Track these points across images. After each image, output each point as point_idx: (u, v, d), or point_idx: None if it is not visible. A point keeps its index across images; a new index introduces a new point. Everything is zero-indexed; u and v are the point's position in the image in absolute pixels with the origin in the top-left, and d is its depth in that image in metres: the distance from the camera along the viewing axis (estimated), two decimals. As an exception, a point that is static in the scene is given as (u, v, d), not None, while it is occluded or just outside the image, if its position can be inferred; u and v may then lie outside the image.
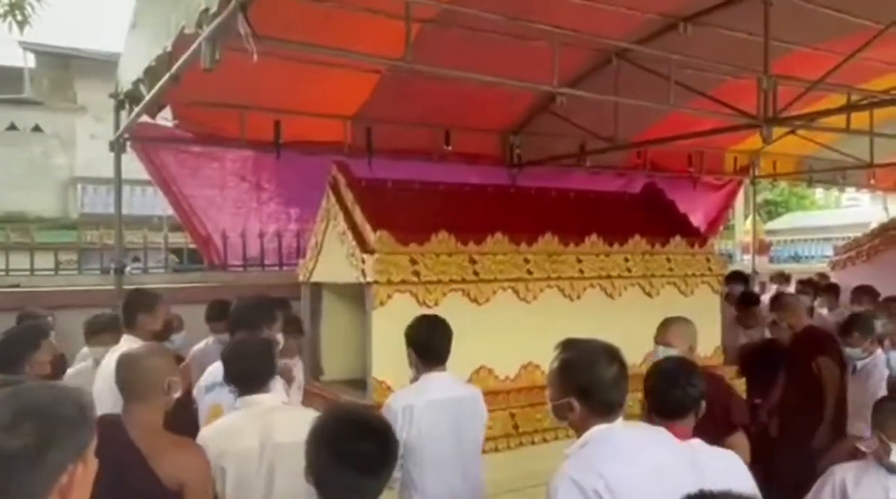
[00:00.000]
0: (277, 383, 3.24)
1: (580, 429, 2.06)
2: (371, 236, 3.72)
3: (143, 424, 2.27)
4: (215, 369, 3.14)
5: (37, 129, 16.21)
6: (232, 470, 2.51)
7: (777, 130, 6.19)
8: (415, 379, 3.11)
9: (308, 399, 3.82)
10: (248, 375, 2.74)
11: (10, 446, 1.27)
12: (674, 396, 2.45)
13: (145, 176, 5.94)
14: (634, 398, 4.27)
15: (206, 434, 2.65)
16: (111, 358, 3.57)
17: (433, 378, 3.05)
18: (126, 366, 2.39)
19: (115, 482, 2.16)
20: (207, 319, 4.53)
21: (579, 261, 4.24)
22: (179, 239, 7.47)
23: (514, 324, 3.96)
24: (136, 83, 4.43)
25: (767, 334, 5.53)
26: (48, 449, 1.30)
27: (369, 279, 3.61)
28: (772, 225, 21.77)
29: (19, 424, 1.30)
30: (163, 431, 2.35)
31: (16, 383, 1.81)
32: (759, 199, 20.54)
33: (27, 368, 3.06)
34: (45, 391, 1.47)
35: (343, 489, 1.68)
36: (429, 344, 3.08)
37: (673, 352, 3.11)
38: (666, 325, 3.33)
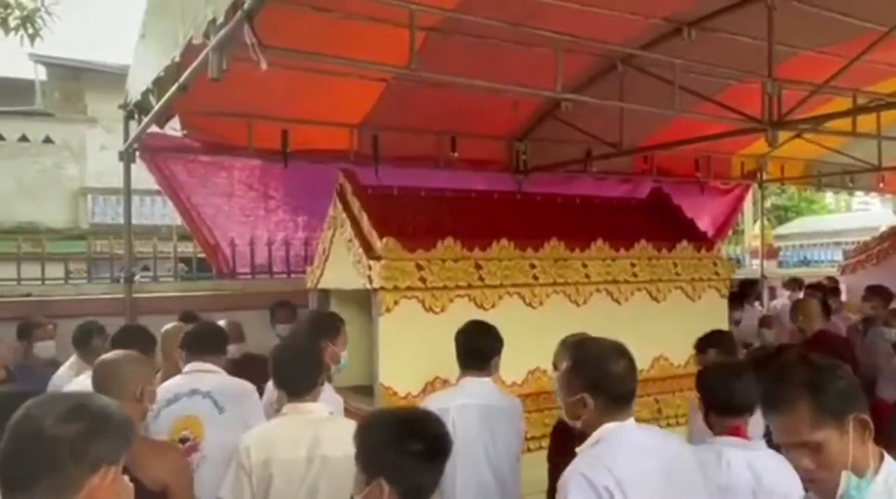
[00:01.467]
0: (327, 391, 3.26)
1: (592, 427, 2.10)
2: (377, 243, 3.75)
3: None
4: (175, 383, 3.09)
5: (48, 140, 16.38)
6: (278, 479, 2.49)
7: (784, 135, 6.19)
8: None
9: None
10: (295, 379, 2.69)
11: (60, 432, 1.35)
12: (739, 393, 2.48)
13: (154, 186, 6.00)
14: (642, 403, 4.33)
15: (252, 438, 2.61)
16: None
17: (469, 383, 3.09)
18: (101, 370, 2.40)
19: None
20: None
21: (585, 266, 4.25)
22: (188, 248, 7.52)
23: (521, 329, 3.96)
24: (145, 94, 4.49)
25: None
26: (93, 442, 1.39)
27: (376, 285, 3.64)
28: (782, 230, 21.73)
29: (74, 416, 1.39)
30: (139, 435, 2.31)
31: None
32: (769, 204, 20.45)
33: None
34: (100, 398, 1.60)
35: (414, 480, 1.74)
36: (465, 349, 3.12)
37: None
38: (565, 347, 2.85)
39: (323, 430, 2.59)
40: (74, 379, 3.48)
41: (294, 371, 2.69)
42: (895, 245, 8.02)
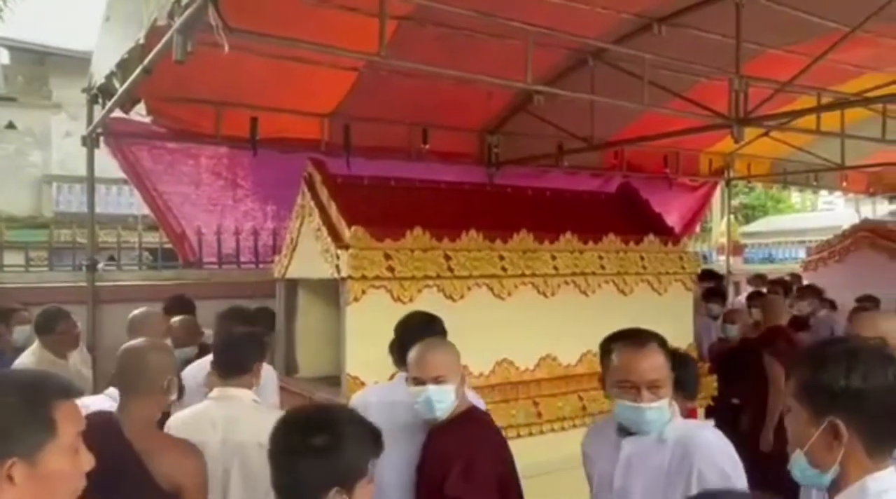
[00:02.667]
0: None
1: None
2: (346, 232, 3.71)
3: (138, 420, 2.21)
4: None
5: (10, 126, 15.98)
6: None
7: (751, 133, 6.31)
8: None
9: (283, 397, 3.80)
10: (223, 364, 2.76)
11: None
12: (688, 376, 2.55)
13: (121, 175, 5.89)
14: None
15: (175, 420, 2.62)
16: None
17: (401, 379, 2.87)
18: (126, 358, 2.34)
19: (108, 482, 2.11)
20: None
21: (554, 258, 4.27)
22: (154, 239, 7.40)
23: (489, 320, 3.98)
24: (109, 77, 4.40)
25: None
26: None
27: (343, 275, 3.61)
28: (748, 228, 22.08)
29: None
30: (158, 429, 2.33)
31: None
32: (737, 202, 20.79)
33: None
34: (22, 382, 1.43)
35: (286, 482, 1.63)
36: (402, 342, 2.92)
37: (448, 389, 2.52)
38: (427, 356, 2.55)
39: (244, 416, 2.61)
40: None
41: (225, 355, 2.76)
42: (857, 242, 8.22)
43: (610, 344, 2.27)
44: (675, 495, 2.04)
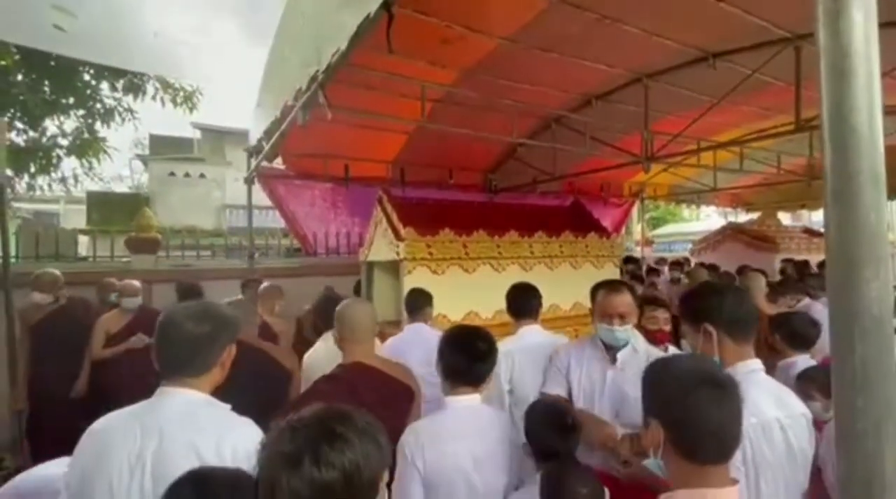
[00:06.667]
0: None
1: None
2: (402, 231, 3.73)
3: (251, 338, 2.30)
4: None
5: (202, 176, 16.35)
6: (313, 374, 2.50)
7: (656, 168, 6.17)
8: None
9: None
10: (326, 317, 2.70)
11: (200, 330, 1.34)
12: None
13: (266, 203, 5.99)
14: (566, 333, 4.29)
15: (305, 361, 2.60)
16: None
17: (526, 329, 2.65)
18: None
19: (255, 370, 2.15)
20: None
21: (531, 247, 4.23)
22: (287, 242, 7.52)
23: (491, 285, 3.93)
24: (260, 141, 4.48)
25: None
26: (220, 334, 1.36)
27: (401, 257, 3.63)
28: (655, 232, 21.54)
29: (205, 318, 1.36)
30: (270, 345, 2.39)
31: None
32: (648, 215, 20.27)
33: None
34: (214, 304, 1.52)
35: (461, 371, 1.66)
36: (520, 303, 2.71)
37: None
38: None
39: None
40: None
41: (324, 315, 2.70)
42: (726, 238, 7.99)
43: (597, 289, 2.12)
44: None
